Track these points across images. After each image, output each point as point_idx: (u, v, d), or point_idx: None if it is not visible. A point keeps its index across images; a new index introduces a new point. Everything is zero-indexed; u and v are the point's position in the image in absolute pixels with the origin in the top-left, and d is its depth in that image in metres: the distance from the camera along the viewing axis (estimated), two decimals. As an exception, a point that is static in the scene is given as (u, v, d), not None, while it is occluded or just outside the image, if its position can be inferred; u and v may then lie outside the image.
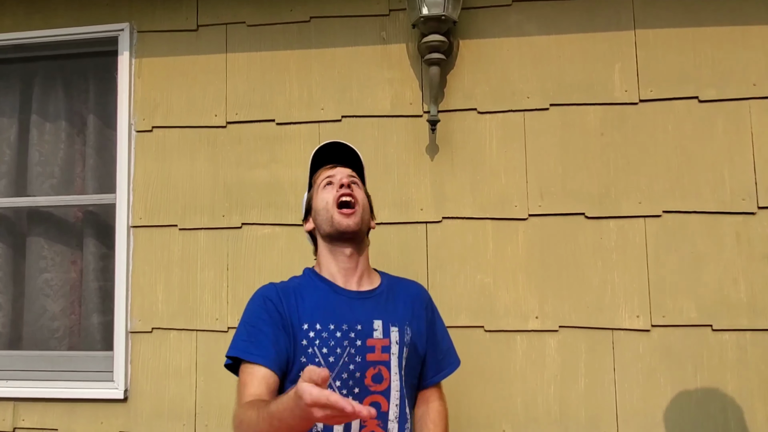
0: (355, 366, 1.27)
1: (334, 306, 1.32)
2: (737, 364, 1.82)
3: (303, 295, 1.33)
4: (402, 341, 1.33)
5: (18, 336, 2.32)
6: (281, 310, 1.28)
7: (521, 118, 1.99)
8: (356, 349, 1.28)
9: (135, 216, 2.14)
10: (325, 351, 1.26)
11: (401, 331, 1.34)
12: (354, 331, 1.29)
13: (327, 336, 1.27)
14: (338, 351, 1.27)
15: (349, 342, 1.28)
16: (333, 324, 1.29)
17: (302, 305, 1.31)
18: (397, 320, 1.35)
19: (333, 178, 1.40)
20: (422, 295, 1.48)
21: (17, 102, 2.38)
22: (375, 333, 1.31)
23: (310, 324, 1.28)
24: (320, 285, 1.37)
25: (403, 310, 1.39)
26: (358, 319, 1.31)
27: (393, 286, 1.44)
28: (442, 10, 1.88)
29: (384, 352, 1.30)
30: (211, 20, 2.17)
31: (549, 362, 1.90)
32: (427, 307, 1.47)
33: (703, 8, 1.94)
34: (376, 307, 1.35)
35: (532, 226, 1.96)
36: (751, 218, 1.86)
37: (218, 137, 2.13)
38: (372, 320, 1.32)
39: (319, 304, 1.32)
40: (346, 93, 2.08)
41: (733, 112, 1.90)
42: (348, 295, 1.35)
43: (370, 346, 1.29)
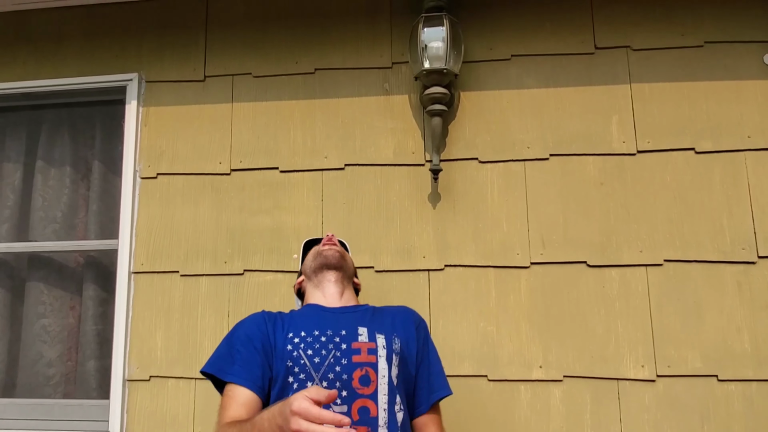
0: (341, 368, 1.28)
1: (317, 316, 1.38)
2: (744, 416, 1.80)
3: (289, 316, 1.42)
4: (390, 347, 1.34)
5: (12, 383, 2.27)
6: (263, 330, 1.34)
7: (522, 167, 2.03)
8: (341, 351, 1.29)
9: (137, 262, 2.14)
10: (310, 353, 1.29)
11: (388, 338, 1.35)
12: (338, 336, 1.32)
13: (312, 340, 1.31)
14: (323, 352, 1.29)
15: (334, 345, 1.30)
16: (318, 330, 1.33)
17: (287, 322, 1.38)
18: (383, 330, 1.37)
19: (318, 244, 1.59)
20: (412, 315, 1.52)
21: (23, 147, 2.41)
22: (360, 337, 1.33)
23: (295, 332, 1.33)
24: (306, 308, 1.46)
25: (390, 322, 1.42)
26: (342, 326, 1.35)
27: (380, 308, 1.51)
28: (443, 63, 1.94)
29: (371, 354, 1.30)
30: (219, 71, 2.22)
31: (554, 413, 1.88)
32: (418, 325, 1.49)
33: (697, 63, 2.01)
34: (361, 318, 1.39)
35: (534, 274, 1.96)
36: (751, 267, 1.87)
37: (222, 184, 2.15)
38: (356, 327, 1.35)
39: (304, 317, 1.39)
40: (349, 142, 2.12)
41: (730, 164, 1.94)
42: (332, 310, 1.41)
43: (356, 348, 1.31)
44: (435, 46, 1.94)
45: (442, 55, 1.93)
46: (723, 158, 1.94)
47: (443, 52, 1.93)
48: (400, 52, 2.14)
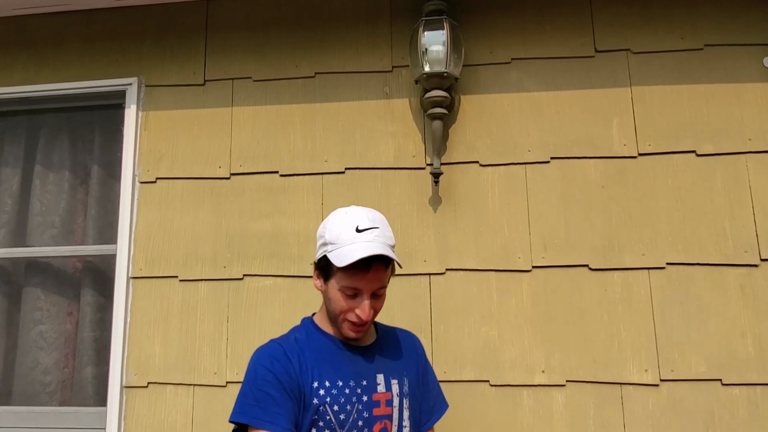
0: (363, 422, 1.27)
1: (338, 361, 1.32)
2: (749, 420, 1.78)
3: (308, 351, 1.31)
4: (402, 392, 1.35)
5: (8, 391, 2.25)
6: (290, 371, 1.26)
7: (523, 170, 2.02)
8: (362, 404, 1.28)
9: (135, 267, 2.12)
10: (336, 408, 1.26)
11: (400, 383, 1.36)
12: (360, 387, 1.30)
13: (337, 393, 1.27)
14: (348, 408, 1.27)
15: (357, 398, 1.28)
16: (341, 381, 1.29)
17: (309, 362, 1.29)
18: (395, 373, 1.37)
19: (358, 293, 1.28)
20: (415, 345, 1.51)
21: (21, 152, 2.40)
22: (379, 387, 1.32)
23: (320, 382, 1.27)
24: (323, 340, 1.36)
25: (399, 361, 1.41)
26: (362, 374, 1.32)
27: (388, 336, 1.46)
28: (444, 67, 1.93)
29: (388, 406, 1.31)
30: (218, 75, 2.22)
31: (557, 418, 1.85)
32: (420, 355, 1.50)
33: (697, 66, 2.01)
34: (377, 361, 1.36)
35: (535, 278, 1.95)
36: (754, 270, 1.86)
37: (222, 188, 2.14)
38: (375, 375, 1.33)
39: (325, 361, 1.31)
40: (349, 146, 2.11)
41: (731, 166, 1.94)
42: (351, 351, 1.35)
43: (376, 400, 1.30)
44: (435, 49, 1.94)
45: (443, 58, 1.93)
46: (724, 161, 1.94)
47: (443, 55, 1.93)
48: (400, 56, 2.14)
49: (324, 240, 1.32)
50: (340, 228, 1.28)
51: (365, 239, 1.26)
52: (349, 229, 1.27)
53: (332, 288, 1.30)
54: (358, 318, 1.28)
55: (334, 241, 1.28)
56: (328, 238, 1.30)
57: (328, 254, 1.28)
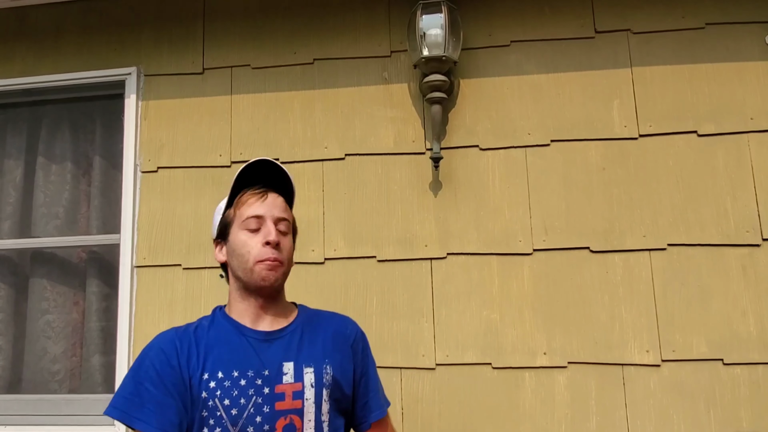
0: (263, 418, 1.13)
1: (237, 349, 1.18)
2: (750, 399, 1.79)
3: (204, 340, 1.19)
4: (320, 382, 1.19)
5: (18, 379, 2.28)
6: (174, 363, 1.14)
7: (523, 154, 2.02)
8: (263, 398, 1.14)
9: (139, 255, 2.14)
10: (227, 403, 1.13)
11: (318, 370, 1.20)
12: (261, 377, 1.15)
13: (229, 385, 1.14)
14: (242, 401, 1.13)
15: (255, 390, 1.14)
16: (237, 371, 1.15)
17: (202, 353, 1.17)
18: (312, 359, 1.21)
19: (261, 222, 1.21)
20: (347, 330, 1.31)
21: (24, 144, 2.42)
22: (285, 377, 1.17)
23: (211, 373, 1.15)
24: (225, 326, 1.22)
25: (321, 346, 1.24)
26: (265, 363, 1.17)
27: (311, 321, 1.29)
28: (442, 51, 1.92)
29: (296, 399, 1.16)
30: (217, 63, 2.22)
31: (559, 400, 1.87)
32: (355, 340, 1.30)
33: (698, 45, 1.99)
34: (287, 348, 1.21)
35: (537, 261, 1.95)
36: (756, 250, 1.86)
37: (223, 177, 2.15)
38: (281, 363, 1.18)
39: (221, 349, 1.18)
40: (349, 132, 2.11)
41: (733, 146, 1.92)
42: (255, 336, 1.20)
43: (279, 393, 1.16)
44: (433, 33, 1.93)
45: (441, 42, 1.92)
46: (726, 141, 1.93)
47: (442, 39, 1.92)
48: (398, 41, 2.13)
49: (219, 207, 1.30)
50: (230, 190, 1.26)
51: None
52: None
53: (234, 236, 1.22)
54: (269, 247, 1.18)
55: (227, 200, 1.26)
56: (221, 204, 1.29)
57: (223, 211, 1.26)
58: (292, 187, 1.28)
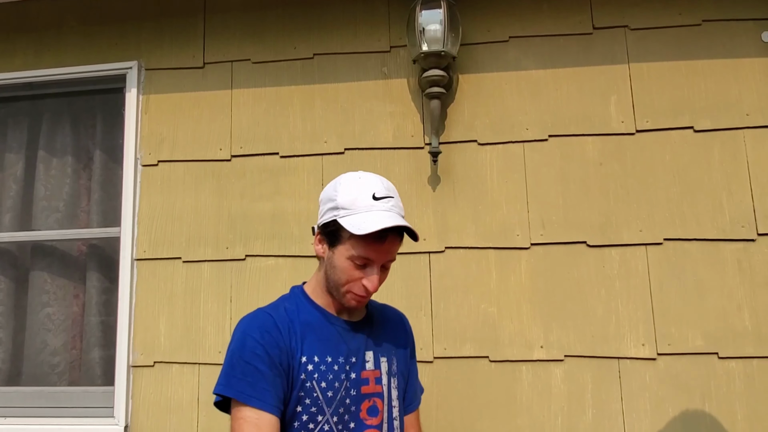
0: (351, 400, 1.23)
1: (327, 336, 1.25)
2: (745, 393, 1.81)
3: (298, 323, 1.24)
4: (390, 371, 1.31)
5: (18, 372, 2.29)
6: (281, 345, 1.19)
7: (521, 149, 2.03)
8: (351, 382, 1.23)
9: (139, 249, 2.15)
10: (323, 385, 1.20)
11: (389, 361, 1.32)
12: (349, 364, 1.24)
13: (325, 369, 1.21)
14: (336, 385, 1.21)
15: (345, 375, 1.23)
16: (330, 356, 1.23)
17: (299, 335, 1.22)
18: (384, 351, 1.32)
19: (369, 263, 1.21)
20: (405, 325, 1.47)
21: (24, 138, 2.43)
22: (367, 365, 1.27)
23: (309, 357, 1.21)
24: (313, 312, 1.28)
25: (388, 340, 1.35)
26: (351, 350, 1.26)
27: (378, 315, 1.39)
28: (441, 46, 1.94)
29: (377, 384, 1.27)
30: (218, 58, 2.23)
31: (555, 393, 1.88)
32: (408, 335, 1.46)
33: (695, 42, 2.01)
34: (367, 338, 1.31)
35: (534, 255, 1.97)
36: (751, 245, 1.88)
37: (223, 170, 2.16)
38: (364, 352, 1.28)
39: (314, 334, 1.24)
40: (348, 126, 2.12)
41: (729, 142, 1.94)
42: (341, 326, 1.28)
43: (364, 378, 1.26)
44: (432, 28, 1.94)
45: (440, 37, 1.93)
46: (722, 136, 1.94)
47: (441, 34, 1.93)
48: (398, 36, 2.14)
49: (335, 204, 1.21)
50: (355, 193, 1.20)
51: (382, 208, 1.19)
52: (365, 196, 1.19)
53: (339, 256, 1.21)
54: (365, 289, 1.21)
55: (349, 207, 1.19)
56: (340, 202, 1.20)
57: (339, 219, 1.18)
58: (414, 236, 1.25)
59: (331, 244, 1.23)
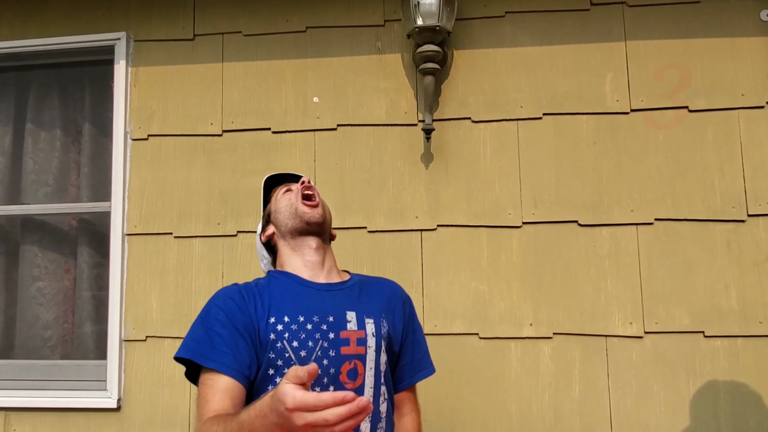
0: (329, 361, 1.16)
1: (301, 297, 1.22)
2: (729, 371, 1.84)
3: (267, 291, 1.23)
4: (379, 333, 1.23)
5: (10, 345, 2.30)
6: (243, 309, 1.17)
7: (515, 126, 2.02)
8: (329, 342, 1.17)
9: (130, 224, 2.14)
10: (295, 345, 1.15)
11: (377, 323, 1.24)
12: (326, 323, 1.18)
13: (297, 328, 1.16)
14: (310, 344, 1.15)
15: (321, 335, 1.17)
16: (302, 316, 1.18)
17: (267, 300, 1.20)
18: (372, 312, 1.25)
19: (291, 186, 1.40)
20: (398, 291, 1.39)
21: (12, 110, 2.38)
22: (348, 324, 1.21)
23: (278, 317, 1.17)
24: (285, 280, 1.27)
25: (378, 302, 1.29)
26: (329, 310, 1.20)
27: (365, 281, 1.36)
28: (436, 20, 1.90)
29: (360, 345, 1.19)
30: (208, 30, 2.18)
31: (543, 369, 1.91)
32: (404, 302, 1.37)
33: (693, 21, 1.98)
34: (348, 299, 1.25)
35: (525, 233, 1.97)
36: (741, 226, 1.89)
37: (214, 145, 2.14)
38: (344, 311, 1.22)
39: (285, 297, 1.21)
40: (341, 102, 2.10)
41: (723, 122, 1.93)
42: (317, 287, 1.25)
43: (344, 338, 1.18)
44: (428, 2, 1.90)
45: (435, 11, 1.90)
46: (716, 117, 1.94)
47: (436, 8, 1.90)
48: (392, 10, 2.10)
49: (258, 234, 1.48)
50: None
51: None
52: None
53: (275, 205, 1.38)
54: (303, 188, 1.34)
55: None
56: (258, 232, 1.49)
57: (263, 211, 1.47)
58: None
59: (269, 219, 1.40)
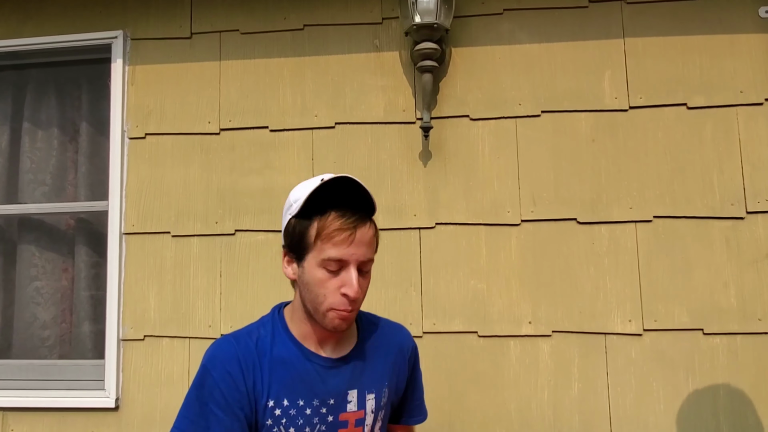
0: None
1: (303, 377, 1.13)
2: (728, 368, 1.84)
3: (268, 359, 1.13)
4: (378, 406, 1.20)
5: (8, 345, 2.29)
6: (241, 388, 1.09)
7: (513, 124, 2.01)
8: (327, 425, 1.13)
9: (127, 223, 2.13)
10: (292, 431, 1.11)
11: (378, 395, 1.20)
12: (326, 406, 1.13)
13: (295, 413, 1.11)
14: (307, 430, 1.12)
15: (319, 419, 1.13)
16: (302, 400, 1.12)
17: (266, 376, 1.12)
18: (374, 384, 1.20)
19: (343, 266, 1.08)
20: (406, 345, 1.29)
21: (9, 109, 2.37)
22: (349, 406, 1.16)
23: (277, 400, 1.11)
24: (290, 347, 1.15)
25: (382, 368, 1.22)
26: (331, 391, 1.14)
27: (373, 340, 1.24)
28: (434, 18, 1.90)
29: (357, 426, 1.16)
30: (205, 28, 2.18)
31: (542, 367, 1.91)
32: (410, 358, 1.30)
33: (691, 17, 1.98)
34: (352, 375, 1.17)
35: (524, 231, 1.97)
36: (740, 223, 1.88)
37: (212, 144, 2.13)
38: (347, 391, 1.16)
39: (287, 373, 1.13)
40: (339, 100, 2.09)
41: (722, 119, 1.93)
42: (321, 363, 1.15)
43: (343, 420, 1.15)
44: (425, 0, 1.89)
45: (433, 9, 1.89)
46: (715, 114, 1.93)
47: (434, 6, 1.89)
48: (390, 7, 2.09)
49: (288, 203, 1.12)
50: (304, 186, 1.11)
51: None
52: (313, 183, 1.09)
53: (309, 268, 1.09)
54: (346, 300, 1.08)
55: (299, 198, 1.08)
56: (291, 199, 1.11)
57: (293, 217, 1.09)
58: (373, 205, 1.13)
59: (299, 258, 1.11)
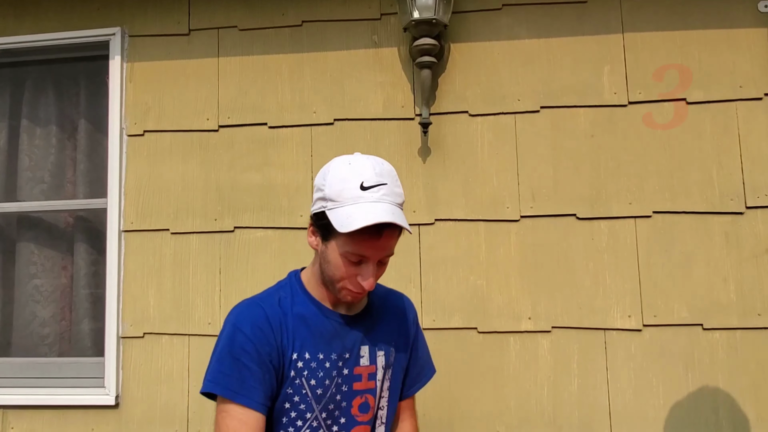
0: (342, 396, 1.20)
1: (322, 332, 1.20)
2: (728, 363, 1.84)
3: (291, 316, 1.20)
4: (387, 363, 1.26)
5: (7, 342, 2.29)
6: (271, 341, 1.15)
7: (512, 120, 2.01)
8: (343, 378, 1.20)
9: (126, 220, 2.13)
10: (313, 383, 1.17)
11: (387, 354, 1.27)
12: (342, 360, 1.20)
13: (316, 366, 1.18)
14: (327, 382, 1.18)
15: (337, 372, 1.20)
16: (322, 353, 1.19)
17: (290, 331, 1.18)
18: (383, 343, 1.27)
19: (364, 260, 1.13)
20: (407, 310, 1.38)
21: (7, 107, 2.37)
22: (362, 360, 1.23)
23: (300, 354, 1.17)
24: (308, 305, 1.22)
25: (390, 330, 1.30)
26: (347, 346, 1.22)
27: (382, 304, 1.32)
28: (433, 13, 1.89)
29: (370, 380, 1.23)
30: (203, 24, 2.17)
31: (542, 363, 1.91)
32: (412, 322, 1.38)
33: (690, 12, 1.97)
34: (365, 332, 1.25)
35: (524, 227, 1.97)
36: (739, 218, 1.88)
37: (210, 141, 2.13)
38: (360, 346, 1.23)
39: (307, 330, 1.20)
40: (338, 96, 2.09)
41: (721, 114, 1.93)
42: (337, 320, 1.22)
43: (357, 374, 1.22)
44: (424, -5, 1.89)
45: (432, 4, 1.89)
46: (714, 108, 1.93)
47: (432, 1, 1.88)
48: (388, 3, 2.09)
49: (323, 194, 1.13)
50: (342, 183, 1.11)
51: (371, 199, 1.09)
52: (352, 186, 1.09)
53: (332, 251, 1.14)
54: (360, 287, 1.14)
55: (335, 198, 1.10)
56: (327, 192, 1.12)
57: (327, 212, 1.11)
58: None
59: (324, 238, 1.16)
